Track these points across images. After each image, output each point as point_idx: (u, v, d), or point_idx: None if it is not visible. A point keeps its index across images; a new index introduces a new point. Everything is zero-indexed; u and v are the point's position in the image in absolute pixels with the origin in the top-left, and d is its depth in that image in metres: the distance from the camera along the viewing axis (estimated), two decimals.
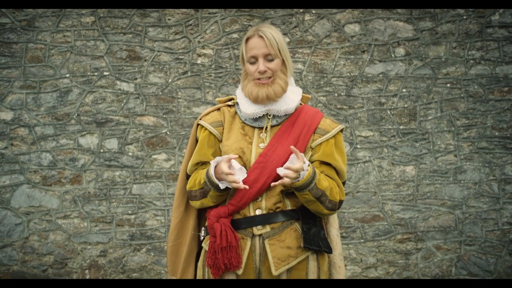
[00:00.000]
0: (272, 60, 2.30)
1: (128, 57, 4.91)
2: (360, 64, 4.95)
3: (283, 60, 2.33)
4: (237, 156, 2.21)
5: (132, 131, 4.90)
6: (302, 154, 2.17)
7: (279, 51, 2.30)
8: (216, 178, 2.22)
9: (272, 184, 2.16)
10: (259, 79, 2.30)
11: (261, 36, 2.29)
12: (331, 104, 4.93)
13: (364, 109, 4.94)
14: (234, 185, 2.15)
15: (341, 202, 2.31)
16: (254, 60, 2.31)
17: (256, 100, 2.30)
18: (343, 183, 2.37)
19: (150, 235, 4.88)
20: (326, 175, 2.29)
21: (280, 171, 2.16)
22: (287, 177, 2.12)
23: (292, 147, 2.14)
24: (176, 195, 2.46)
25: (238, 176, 2.20)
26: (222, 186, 2.21)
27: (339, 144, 2.36)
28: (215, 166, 2.24)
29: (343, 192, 2.34)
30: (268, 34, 2.29)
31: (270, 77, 2.30)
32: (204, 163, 2.36)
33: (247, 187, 2.16)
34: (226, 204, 2.29)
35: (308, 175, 2.16)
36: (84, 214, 4.87)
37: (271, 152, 2.26)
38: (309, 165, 2.18)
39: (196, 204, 2.35)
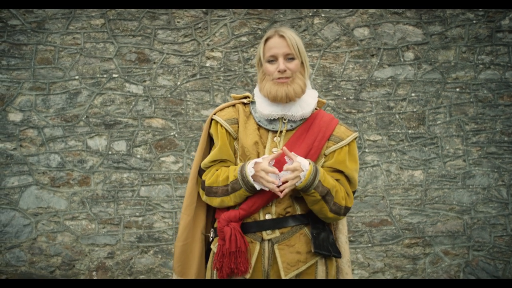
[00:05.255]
0: (292, 60, 2.28)
1: (137, 59, 4.92)
2: (369, 68, 4.94)
3: (301, 63, 2.30)
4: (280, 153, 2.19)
5: (140, 133, 4.91)
6: (293, 153, 2.16)
7: (299, 52, 2.28)
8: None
9: (282, 195, 2.15)
10: (278, 78, 2.26)
11: (281, 36, 2.28)
12: (340, 108, 4.92)
13: (372, 113, 4.93)
14: (271, 186, 2.13)
15: (347, 208, 2.28)
16: (273, 59, 2.28)
17: (275, 99, 2.26)
18: (354, 192, 2.34)
19: (158, 238, 4.88)
20: (336, 180, 2.27)
21: (281, 174, 2.16)
22: (288, 180, 2.12)
23: (284, 148, 2.13)
24: (188, 192, 2.39)
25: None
26: (258, 187, 2.18)
27: (352, 152, 2.32)
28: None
29: (351, 199, 2.31)
30: (289, 34, 2.28)
31: (289, 77, 2.26)
32: (223, 161, 2.31)
33: (281, 195, 2.15)
34: (237, 209, 2.27)
35: (309, 173, 2.13)
36: (92, 216, 4.88)
37: (284, 158, 2.22)
38: (309, 163, 2.15)
39: (214, 201, 2.29)
